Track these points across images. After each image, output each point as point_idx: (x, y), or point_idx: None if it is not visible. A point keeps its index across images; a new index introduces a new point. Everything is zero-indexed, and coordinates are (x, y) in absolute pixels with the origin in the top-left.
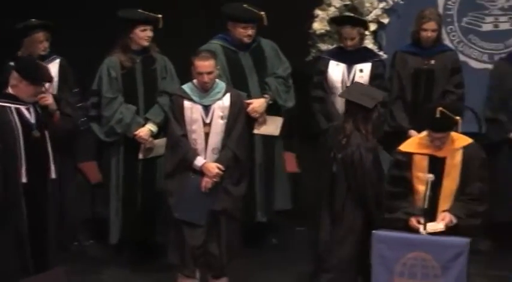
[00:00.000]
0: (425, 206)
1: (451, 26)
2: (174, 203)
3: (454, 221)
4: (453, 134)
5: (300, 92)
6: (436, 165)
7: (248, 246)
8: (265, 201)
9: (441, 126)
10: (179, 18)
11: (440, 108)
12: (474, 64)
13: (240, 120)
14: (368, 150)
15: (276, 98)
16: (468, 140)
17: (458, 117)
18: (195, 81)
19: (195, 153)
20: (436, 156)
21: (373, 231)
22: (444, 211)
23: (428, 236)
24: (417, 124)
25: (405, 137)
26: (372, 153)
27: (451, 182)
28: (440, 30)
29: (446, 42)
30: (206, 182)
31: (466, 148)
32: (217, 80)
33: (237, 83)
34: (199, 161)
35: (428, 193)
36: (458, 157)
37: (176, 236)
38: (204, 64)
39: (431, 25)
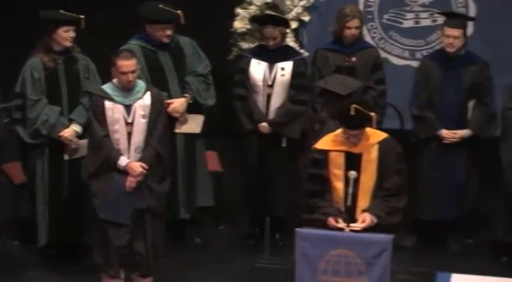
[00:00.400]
0: (348, 203)
1: (371, 23)
2: (99, 203)
3: (375, 220)
4: (368, 129)
5: (222, 91)
6: (353, 162)
7: (172, 246)
8: (188, 198)
9: (356, 123)
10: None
11: (354, 105)
12: (395, 61)
13: (161, 119)
14: None
15: (196, 97)
16: (383, 135)
17: (372, 114)
18: (115, 81)
19: (118, 153)
20: (352, 153)
21: (296, 229)
22: (364, 211)
23: (351, 233)
24: None
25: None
26: None
27: (368, 178)
28: (362, 28)
29: (367, 39)
30: (130, 182)
31: (381, 143)
32: (137, 79)
33: (157, 83)
34: (122, 160)
35: (351, 190)
36: (374, 152)
37: (101, 236)
38: (127, 63)
39: (354, 23)
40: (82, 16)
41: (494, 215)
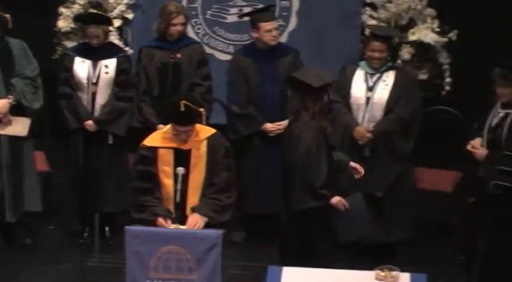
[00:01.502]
0: (178, 200)
1: (195, 19)
2: None
3: (206, 220)
4: (197, 125)
5: (49, 91)
6: (182, 158)
7: (1, 248)
8: (14, 201)
9: (185, 120)
10: None
11: (184, 102)
12: (220, 56)
13: None
14: (310, 130)
15: (21, 99)
16: (212, 131)
17: (202, 109)
18: None
19: None
20: (181, 149)
21: (126, 227)
22: (193, 211)
23: (182, 229)
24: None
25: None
26: (315, 134)
27: (197, 174)
28: (187, 24)
29: (191, 35)
30: None
31: (209, 139)
32: None
33: None
34: None
35: (179, 187)
36: (203, 148)
37: None
38: None
39: (179, 19)
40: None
41: None
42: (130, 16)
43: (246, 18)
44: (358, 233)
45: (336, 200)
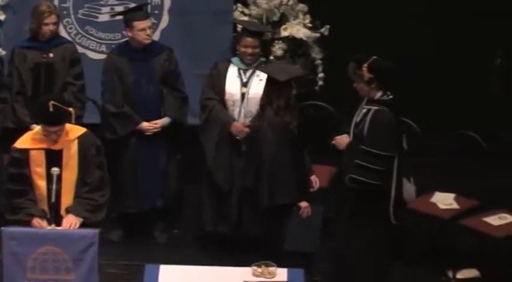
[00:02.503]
0: (53, 200)
1: (67, 19)
2: None
3: (81, 220)
4: (67, 125)
5: None
6: (54, 159)
7: None
8: None
9: (55, 120)
10: None
11: (52, 102)
12: (93, 55)
13: None
14: (274, 127)
15: None
16: (82, 130)
17: (71, 109)
18: None
19: None
20: (52, 150)
21: (2, 228)
22: (68, 212)
23: (57, 229)
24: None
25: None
26: (278, 131)
27: (70, 174)
28: (59, 23)
29: (64, 34)
30: None
31: (80, 138)
32: None
33: None
34: None
35: (54, 187)
36: (74, 148)
37: None
38: None
39: (52, 19)
40: None
41: (200, 205)
42: (1, 17)
43: (119, 17)
44: (303, 245)
45: (305, 204)
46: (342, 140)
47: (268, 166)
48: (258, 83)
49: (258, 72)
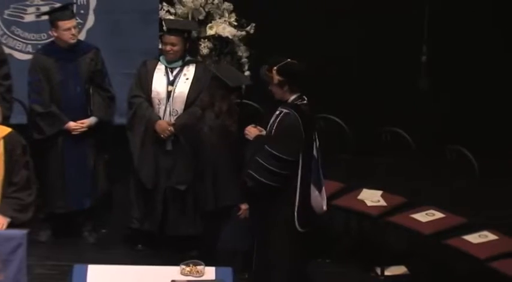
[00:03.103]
0: None
1: None
2: None
3: (8, 220)
4: None
5: None
6: None
7: None
8: None
9: None
10: None
11: None
12: (19, 55)
13: None
14: (215, 129)
15: None
16: (7, 130)
17: None
18: None
19: None
20: None
21: None
22: None
23: None
24: None
25: None
26: (219, 133)
27: None
28: None
29: None
30: None
31: (6, 138)
32: None
33: None
34: None
35: None
36: (1, 148)
37: None
38: None
39: None
40: None
41: (128, 203)
42: None
43: (44, 18)
44: (235, 243)
45: (245, 206)
46: (252, 131)
47: (211, 169)
48: (184, 82)
49: (184, 71)
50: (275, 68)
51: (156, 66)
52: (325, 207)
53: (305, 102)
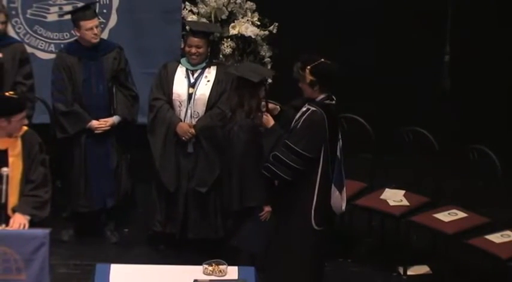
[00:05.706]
0: (3, 201)
1: (16, 19)
2: None
3: (28, 218)
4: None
5: None
6: (1, 159)
7: None
8: None
9: (17, 106)
10: None
11: (9, 93)
12: (41, 55)
13: None
14: (245, 131)
15: None
16: (24, 128)
17: None
18: None
19: None
20: None
21: None
22: (14, 211)
23: (7, 229)
24: None
25: None
26: (249, 132)
27: (16, 172)
28: (8, 23)
29: (12, 34)
30: None
31: (24, 136)
32: None
33: None
34: None
35: (4, 187)
36: (19, 146)
37: None
38: None
39: (1, 18)
40: None
41: (150, 204)
42: None
43: (67, 17)
44: (252, 245)
45: (268, 208)
46: (269, 120)
47: (239, 169)
48: (206, 84)
49: (206, 73)
50: (308, 67)
51: (177, 68)
52: (343, 208)
53: (333, 102)
